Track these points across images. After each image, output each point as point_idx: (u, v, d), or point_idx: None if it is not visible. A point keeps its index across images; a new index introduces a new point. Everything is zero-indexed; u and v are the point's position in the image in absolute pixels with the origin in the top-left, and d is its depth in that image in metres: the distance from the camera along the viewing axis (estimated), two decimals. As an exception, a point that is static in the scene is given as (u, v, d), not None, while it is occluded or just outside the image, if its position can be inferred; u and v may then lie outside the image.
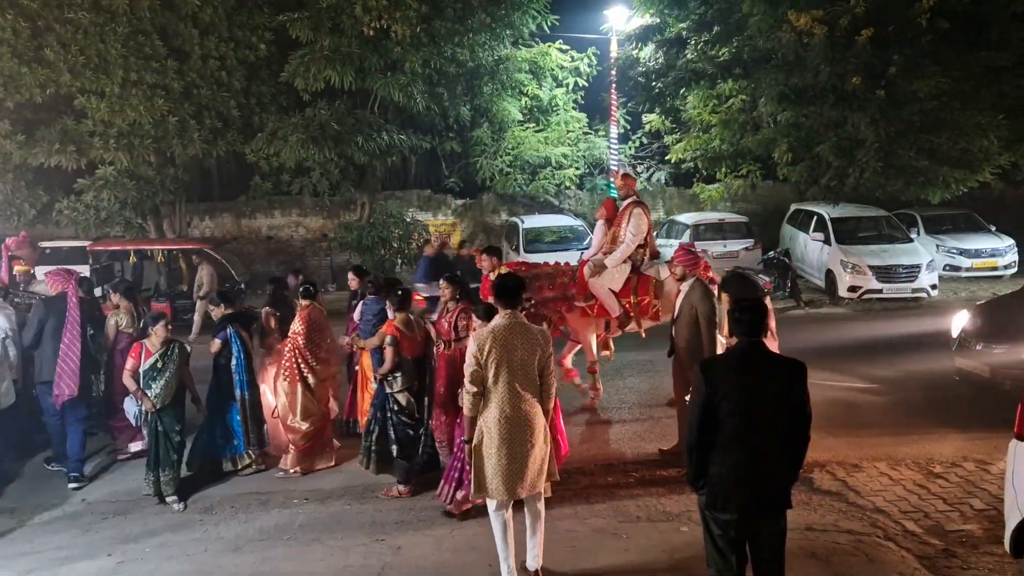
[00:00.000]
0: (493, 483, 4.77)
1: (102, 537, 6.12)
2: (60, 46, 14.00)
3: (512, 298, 4.85)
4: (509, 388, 4.71)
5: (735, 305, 4.05)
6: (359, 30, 14.88)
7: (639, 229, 8.03)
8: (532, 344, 4.78)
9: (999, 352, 8.11)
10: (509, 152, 17.84)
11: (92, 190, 15.48)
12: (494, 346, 4.70)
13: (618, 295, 8.16)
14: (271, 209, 19.44)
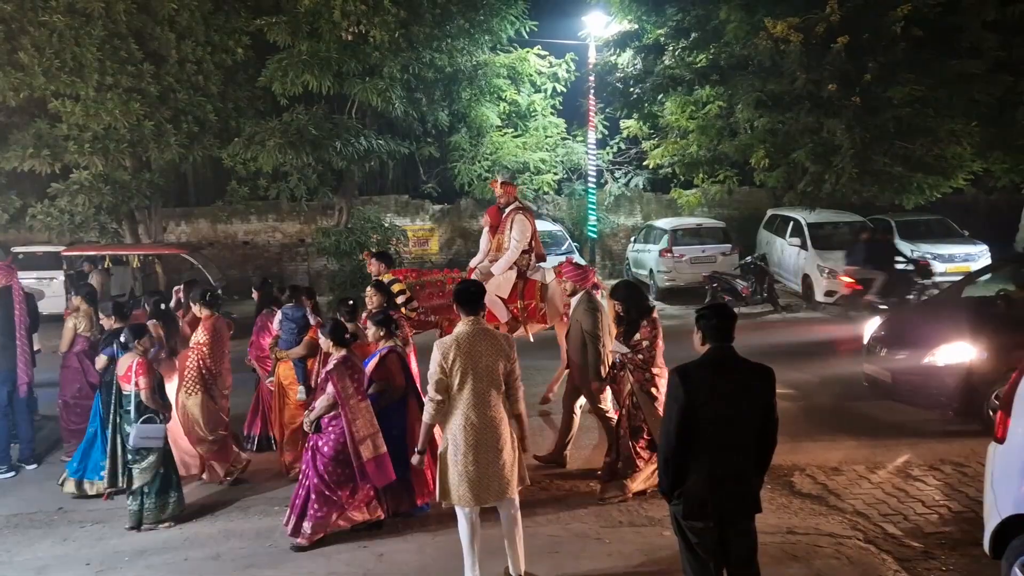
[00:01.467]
0: (459, 489, 4.76)
1: (79, 546, 6.03)
2: (34, 49, 13.79)
3: (474, 305, 4.86)
4: (475, 395, 4.71)
5: (701, 312, 4.06)
6: (337, 35, 14.78)
7: (523, 235, 8.13)
8: (497, 350, 4.80)
9: (900, 358, 8.29)
10: (487, 157, 17.84)
11: (66, 195, 15.25)
12: (458, 354, 4.70)
13: (505, 301, 8.24)
14: (248, 214, 19.30)
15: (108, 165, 15.19)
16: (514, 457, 4.92)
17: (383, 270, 8.22)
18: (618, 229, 20.34)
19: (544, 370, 9.96)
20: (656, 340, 6.28)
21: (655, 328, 6.30)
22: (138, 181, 15.89)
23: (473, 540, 4.93)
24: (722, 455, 3.84)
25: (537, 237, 8.55)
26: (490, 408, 4.75)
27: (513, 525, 5.01)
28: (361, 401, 5.80)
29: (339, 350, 5.88)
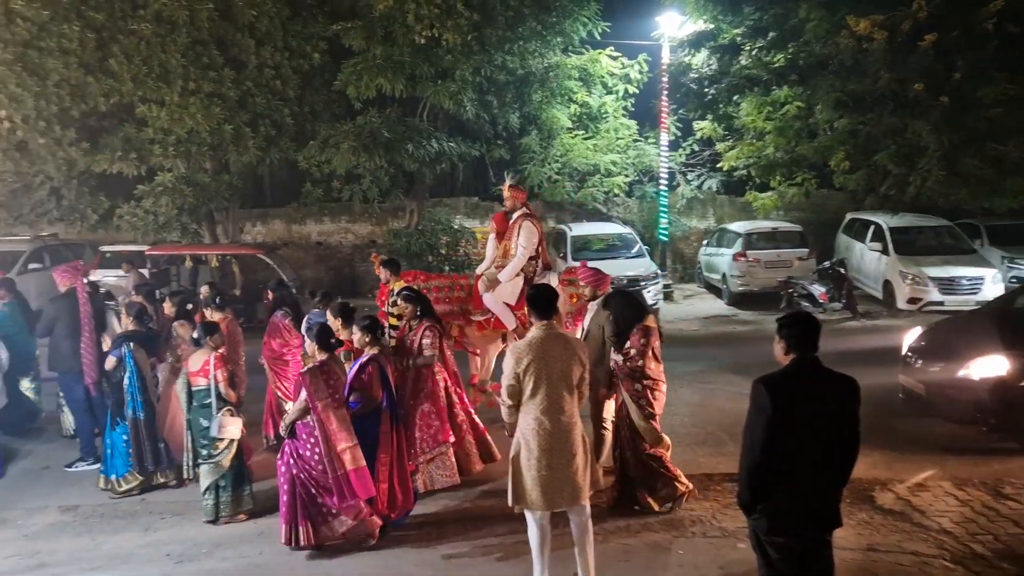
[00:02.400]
0: (532, 494, 4.71)
1: (160, 537, 6.22)
2: (124, 56, 14.36)
3: (546, 309, 4.81)
4: (548, 399, 4.67)
5: (783, 320, 3.94)
6: (411, 38, 14.99)
7: (529, 242, 7.95)
8: (570, 354, 4.75)
9: (934, 371, 7.98)
10: (557, 159, 17.78)
11: (151, 196, 15.84)
12: (532, 358, 4.66)
13: (513, 308, 8.10)
14: (321, 215, 19.69)
15: (190, 168, 15.73)
16: (586, 462, 4.86)
17: (390, 277, 8.15)
18: (690, 232, 20.00)
19: (708, 373, 10.11)
20: (647, 349, 6.04)
21: (646, 337, 6.06)
22: (218, 183, 16.40)
23: (543, 545, 4.88)
24: (806, 468, 3.70)
25: (544, 244, 8.41)
26: (563, 413, 4.70)
27: (584, 532, 4.94)
28: (338, 409, 5.60)
29: (322, 354, 5.75)
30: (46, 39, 13.77)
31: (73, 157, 15.03)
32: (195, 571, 5.60)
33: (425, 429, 6.65)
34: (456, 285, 8.46)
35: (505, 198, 8.29)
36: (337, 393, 5.63)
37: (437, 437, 6.65)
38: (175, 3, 14.27)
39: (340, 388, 5.69)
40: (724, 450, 7.70)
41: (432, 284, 8.41)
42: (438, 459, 6.68)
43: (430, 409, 6.67)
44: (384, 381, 5.97)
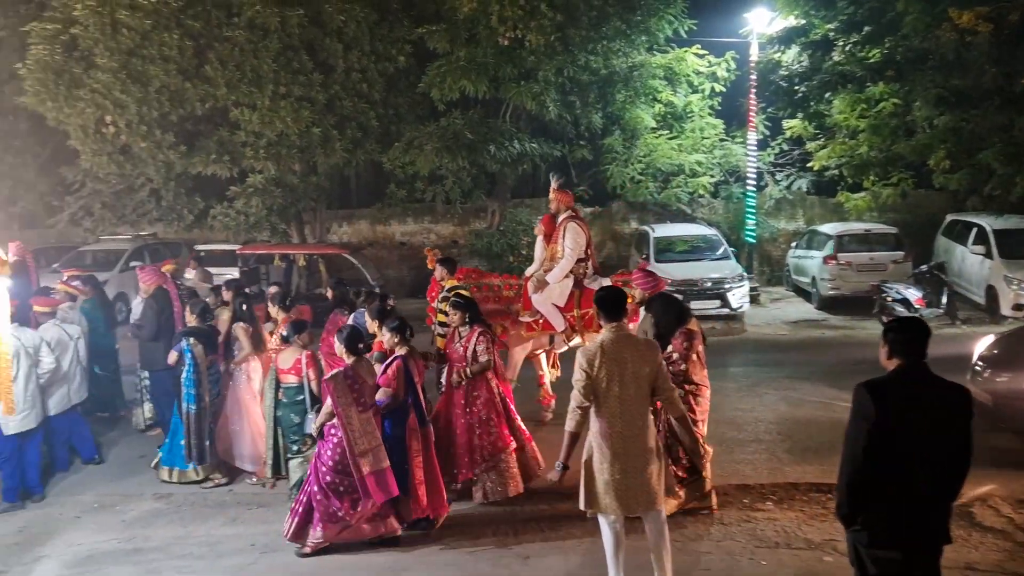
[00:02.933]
0: (605, 499, 4.66)
1: (247, 527, 6.41)
2: (219, 62, 14.89)
3: (616, 311, 4.74)
4: (621, 402, 4.60)
5: (890, 324, 3.81)
6: (494, 40, 15.05)
7: (576, 243, 7.99)
8: (642, 356, 4.68)
9: (1002, 381, 7.60)
10: (641, 160, 17.54)
11: (243, 197, 16.39)
12: (604, 361, 4.59)
13: (562, 310, 8.13)
14: (405, 216, 20.00)
15: (280, 169, 16.19)
16: (660, 467, 4.79)
17: (446, 276, 8.20)
18: (778, 234, 19.45)
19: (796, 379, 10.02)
20: (689, 353, 5.89)
21: (689, 340, 5.89)
22: (306, 184, 16.84)
23: (617, 551, 4.81)
24: (912, 479, 3.52)
25: (592, 247, 8.38)
26: (636, 416, 4.65)
27: (660, 538, 4.85)
28: (362, 412, 5.63)
29: (350, 357, 5.80)
30: (148, 47, 14.39)
31: (171, 160, 15.68)
32: (279, 563, 5.74)
33: (484, 437, 6.47)
34: (506, 285, 8.56)
35: (551, 200, 8.36)
36: (362, 397, 5.68)
37: (497, 444, 6.48)
38: (268, 10, 14.70)
39: (366, 392, 5.73)
40: (810, 459, 7.44)
41: (483, 282, 8.52)
42: (499, 467, 6.49)
43: (488, 416, 6.51)
44: (408, 380, 6.00)
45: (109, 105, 14.49)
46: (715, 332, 13.89)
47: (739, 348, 13.04)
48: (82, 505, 6.97)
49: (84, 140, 15.13)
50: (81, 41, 14.38)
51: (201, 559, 5.83)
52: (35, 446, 7.12)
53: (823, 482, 6.68)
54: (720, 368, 11.32)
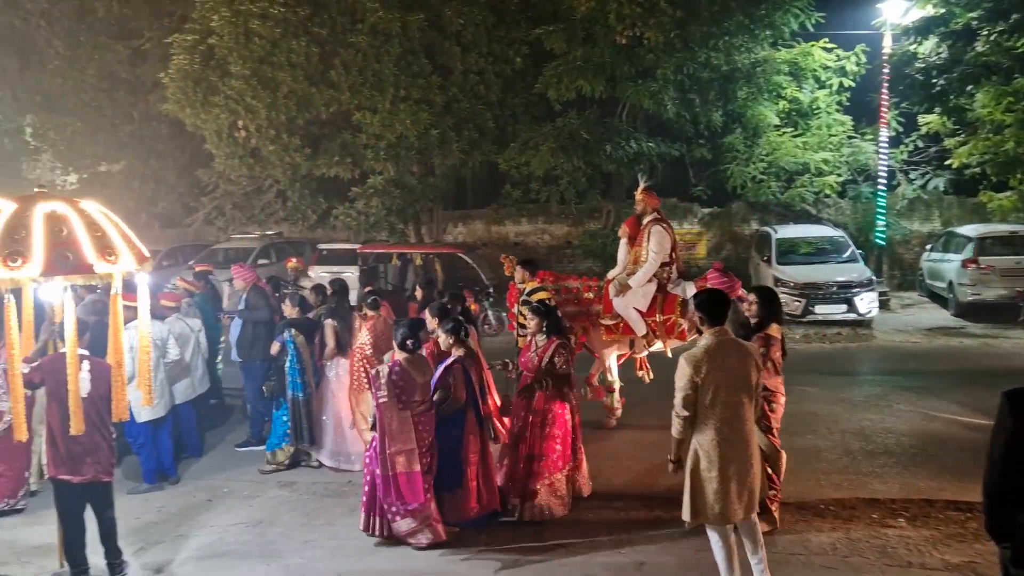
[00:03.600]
0: (716, 507, 4.57)
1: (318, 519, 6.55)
2: (343, 68, 15.41)
3: (719, 315, 4.67)
4: (728, 407, 4.53)
5: None
6: (612, 39, 14.93)
7: (661, 247, 7.82)
8: (747, 360, 4.63)
9: None
10: (763, 158, 16.95)
11: (363, 197, 16.90)
12: (711, 366, 4.51)
13: (644, 314, 7.92)
14: (519, 216, 20.11)
15: (398, 171, 16.59)
16: (761, 474, 4.74)
17: (527, 277, 8.09)
18: (911, 236, 18.37)
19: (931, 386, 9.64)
20: (765, 360, 5.41)
21: (766, 346, 5.49)
22: (423, 185, 17.19)
23: (731, 559, 4.69)
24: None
25: (677, 250, 8.16)
26: (743, 420, 4.58)
27: (757, 544, 4.77)
28: (402, 410, 5.66)
29: (400, 354, 5.84)
30: (277, 55, 15.06)
31: (297, 162, 16.35)
32: (395, 555, 5.81)
33: (550, 453, 6.23)
34: (586, 287, 8.42)
35: (637, 202, 8.15)
36: (404, 395, 5.69)
37: (558, 463, 6.24)
38: (389, 16, 15.10)
39: (411, 390, 5.72)
40: (947, 476, 6.95)
41: (562, 285, 8.41)
42: (553, 485, 6.24)
43: (557, 433, 6.25)
44: (468, 382, 6.00)
45: (241, 110, 15.24)
46: (841, 338, 13.26)
47: (867, 356, 12.38)
48: (214, 489, 7.30)
49: (218, 144, 15.99)
50: (217, 50, 15.20)
51: (321, 547, 5.98)
52: (167, 433, 7.53)
53: (962, 500, 6.24)
54: (847, 376, 10.82)
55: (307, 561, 5.78)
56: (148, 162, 20.13)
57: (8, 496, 6.75)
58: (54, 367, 5.27)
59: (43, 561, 5.80)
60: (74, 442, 5.28)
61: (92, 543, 5.55)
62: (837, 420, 8.73)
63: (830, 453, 7.69)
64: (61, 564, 5.54)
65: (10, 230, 4.80)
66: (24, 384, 5.29)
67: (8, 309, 5.01)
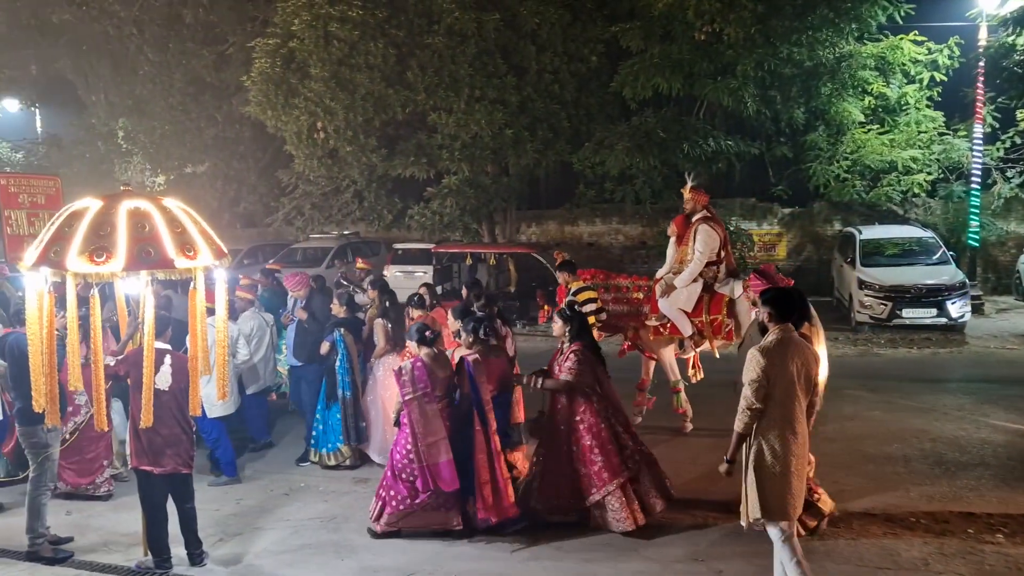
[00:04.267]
0: (790, 505, 4.58)
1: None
2: (419, 69, 15.55)
3: (787, 312, 4.73)
4: (795, 403, 4.59)
5: None
6: (690, 35, 14.64)
7: (707, 246, 7.69)
8: (810, 359, 4.70)
9: None
10: (847, 157, 16.35)
11: (438, 198, 17.01)
12: (783, 360, 4.56)
13: (689, 315, 7.84)
14: (593, 217, 19.94)
15: (473, 171, 16.64)
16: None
17: (569, 279, 8.14)
18: (1007, 237, 17.46)
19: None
20: None
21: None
22: (497, 185, 17.20)
23: (802, 560, 4.62)
24: None
25: (728, 248, 8.01)
26: (804, 419, 4.67)
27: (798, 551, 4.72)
28: (428, 404, 5.83)
29: (421, 349, 6.03)
30: (356, 57, 15.27)
31: (374, 163, 16.58)
32: (468, 555, 5.79)
33: (589, 466, 5.93)
34: (635, 286, 8.37)
35: (685, 200, 8.01)
36: (429, 388, 5.86)
37: (602, 475, 5.89)
38: (466, 16, 15.15)
39: (436, 384, 5.91)
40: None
41: (611, 284, 8.37)
42: (608, 500, 5.90)
43: (591, 443, 5.94)
44: (472, 381, 5.96)
45: (320, 112, 15.53)
46: (930, 344, 12.69)
47: (959, 362, 11.80)
48: (291, 483, 7.43)
49: (298, 145, 16.33)
50: (298, 54, 15.52)
51: (394, 545, 6.00)
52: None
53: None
54: (937, 383, 10.34)
55: (380, 558, 5.80)
56: (231, 163, 20.75)
57: (86, 483, 7.01)
58: (138, 360, 5.39)
59: (129, 549, 5.97)
60: (156, 434, 5.42)
61: (174, 533, 5.69)
62: (927, 429, 8.33)
63: (920, 464, 7.35)
64: (145, 553, 5.69)
65: (96, 227, 4.97)
66: (110, 376, 5.47)
67: (94, 303, 5.18)
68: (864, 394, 9.78)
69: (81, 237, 4.91)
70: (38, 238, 5.21)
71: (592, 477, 5.92)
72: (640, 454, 6.07)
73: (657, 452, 6.42)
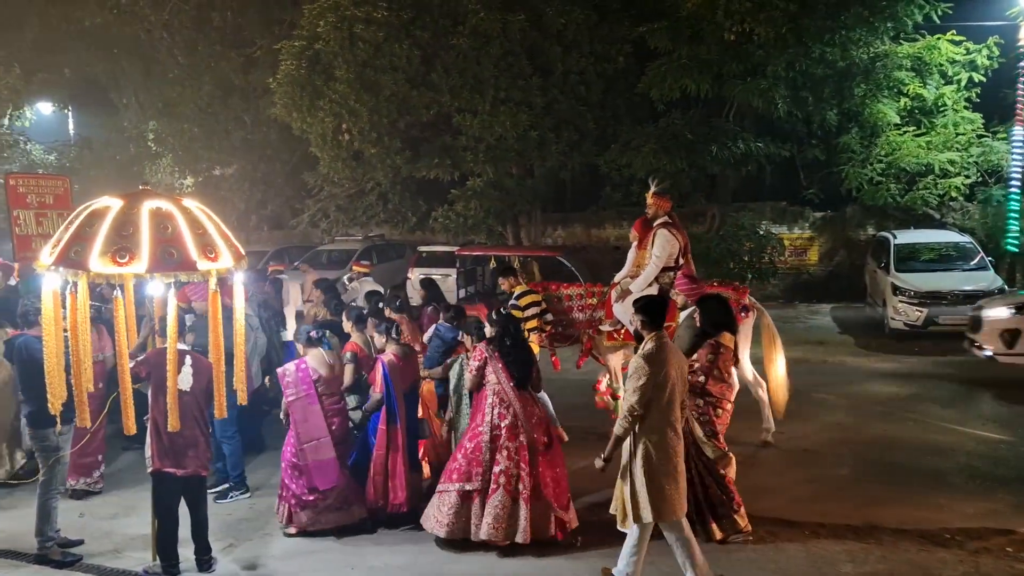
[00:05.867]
0: (678, 502, 4.82)
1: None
2: (443, 70, 15.46)
3: (660, 320, 4.99)
4: (674, 409, 4.85)
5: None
6: (720, 35, 14.39)
7: (664, 251, 7.60)
8: (683, 364, 5.06)
9: None
10: (881, 159, 15.95)
11: (462, 200, 16.90)
12: (668, 367, 4.79)
13: None
14: (619, 219, 19.68)
15: (497, 173, 16.51)
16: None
17: (512, 283, 8.29)
18: (1048, 243, 16.92)
19: None
20: (711, 367, 5.75)
21: (713, 354, 5.76)
22: (522, 187, 17.06)
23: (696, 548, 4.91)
24: None
25: (688, 256, 7.90)
26: (680, 422, 4.94)
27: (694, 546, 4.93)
28: (311, 404, 6.08)
29: (305, 351, 6.25)
30: (380, 58, 15.22)
31: (398, 164, 16.52)
32: (477, 561, 5.63)
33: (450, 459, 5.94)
34: (589, 293, 8.36)
35: (648, 205, 7.95)
36: (312, 390, 6.10)
37: (451, 475, 5.77)
38: (491, 17, 15.04)
39: (323, 384, 6.16)
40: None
41: (563, 293, 8.40)
42: (443, 496, 5.75)
43: (465, 444, 5.86)
44: (386, 380, 6.15)
45: (345, 114, 15.50)
46: (966, 351, 12.25)
47: (996, 371, 11.36)
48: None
49: (323, 147, 16.33)
50: (323, 55, 15.51)
51: (404, 552, 5.86)
52: None
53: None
54: (973, 392, 9.98)
55: (389, 565, 5.67)
56: (258, 166, 20.84)
57: (84, 476, 7.02)
58: (158, 361, 5.37)
59: (137, 553, 5.88)
60: (177, 435, 5.38)
61: (183, 538, 5.60)
62: (962, 441, 8.02)
63: (955, 477, 7.05)
64: (154, 557, 5.60)
65: (118, 227, 4.92)
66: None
67: (117, 304, 5.13)
68: (897, 403, 9.48)
69: (103, 237, 4.85)
70: (55, 237, 5.15)
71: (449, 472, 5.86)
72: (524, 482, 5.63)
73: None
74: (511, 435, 5.68)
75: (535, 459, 5.68)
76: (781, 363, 7.74)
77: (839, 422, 8.82)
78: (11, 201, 9.50)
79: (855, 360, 12.06)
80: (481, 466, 5.65)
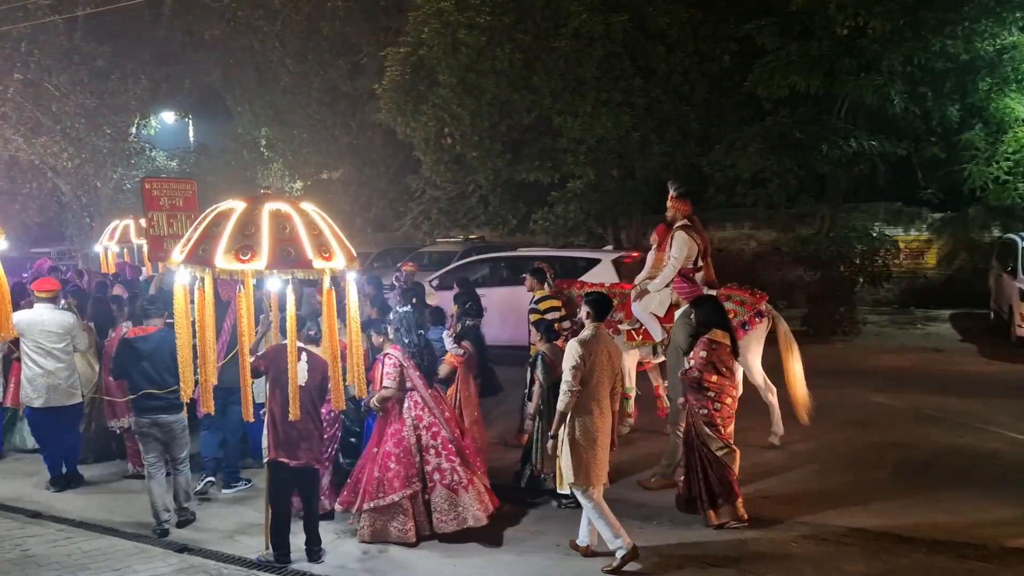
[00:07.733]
0: (600, 471, 5.52)
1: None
2: (545, 73, 15.47)
3: (603, 313, 5.81)
4: (603, 389, 5.57)
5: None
6: (831, 30, 13.87)
7: (681, 252, 7.86)
8: (616, 354, 5.79)
9: None
10: (1008, 157, 14.99)
11: (562, 202, 16.86)
12: (597, 352, 5.53)
13: (661, 320, 8.06)
14: (723, 221, 19.24)
15: (598, 175, 16.41)
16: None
17: (535, 285, 8.49)
18: None
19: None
20: (705, 364, 6.11)
21: (708, 351, 6.13)
22: (623, 189, 16.88)
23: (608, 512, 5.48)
24: None
25: (708, 260, 8.15)
26: (609, 403, 5.63)
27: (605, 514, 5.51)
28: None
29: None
30: (482, 62, 15.35)
31: (499, 167, 16.64)
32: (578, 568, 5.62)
33: (381, 472, 6.02)
34: (611, 293, 8.22)
35: (668, 208, 8.16)
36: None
37: (391, 483, 5.98)
38: (593, 18, 14.96)
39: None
40: None
41: (579, 293, 8.30)
42: (389, 509, 5.99)
43: (391, 451, 6.06)
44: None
45: (447, 118, 15.74)
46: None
47: None
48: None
49: (426, 151, 16.64)
50: (426, 61, 15.79)
51: (488, 554, 5.90)
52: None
53: None
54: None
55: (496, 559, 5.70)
56: (363, 170, 21.43)
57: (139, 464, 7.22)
58: (276, 356, 5.64)
59: (251, 541, 6.12)
60: (291, 427, 5.62)
61: (295, 529, 5.80)
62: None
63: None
64: (267, 546, 5.81)
65: (241, 226, 5.25)
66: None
67: (240, 299, 5.44)
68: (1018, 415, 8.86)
69: (228, 236, 5.20)
70: (185, 236, 5.53)
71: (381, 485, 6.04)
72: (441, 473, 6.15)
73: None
74: (433, 433, 6.14)
75: (460, 448, 6.22)
76: (799, 370, 7.81)
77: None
78: (147, 204, 10.01)
79: (977, 367, 11.43)
80: (415, 468, 6.07)
